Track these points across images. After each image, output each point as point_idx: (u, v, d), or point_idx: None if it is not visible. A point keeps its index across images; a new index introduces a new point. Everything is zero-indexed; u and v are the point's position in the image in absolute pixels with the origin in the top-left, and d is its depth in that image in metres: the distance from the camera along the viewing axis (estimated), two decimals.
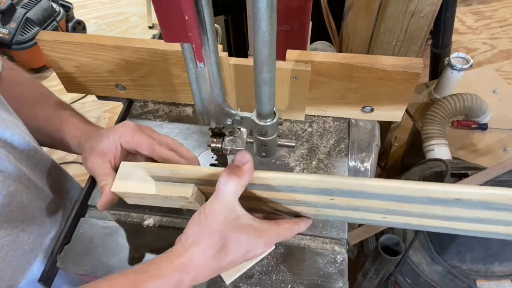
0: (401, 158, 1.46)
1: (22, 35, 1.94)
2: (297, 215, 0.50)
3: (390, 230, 0.98)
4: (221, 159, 0.64)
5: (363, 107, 0.66)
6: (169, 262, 0.41)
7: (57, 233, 0.64)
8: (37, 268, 0.60)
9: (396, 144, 1.61)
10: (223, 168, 0.43)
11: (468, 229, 0.42)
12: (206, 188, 0.50)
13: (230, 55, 0.58)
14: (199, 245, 0.41)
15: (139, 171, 0.51)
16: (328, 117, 0.74)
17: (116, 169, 0.53)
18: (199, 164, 0.57)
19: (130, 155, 0.57)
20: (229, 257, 0.42)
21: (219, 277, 0.57)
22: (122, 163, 0.53)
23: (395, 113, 0.66)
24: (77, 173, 1.40)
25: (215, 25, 0.44)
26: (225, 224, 0.41)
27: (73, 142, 0.59)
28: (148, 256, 0.60)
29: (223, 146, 0.57)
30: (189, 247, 0.41)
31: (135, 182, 0.51)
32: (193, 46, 0.40)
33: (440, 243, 0.90)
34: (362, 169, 0.69)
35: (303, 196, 0.44)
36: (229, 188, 0.41)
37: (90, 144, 0.55)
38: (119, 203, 0.55)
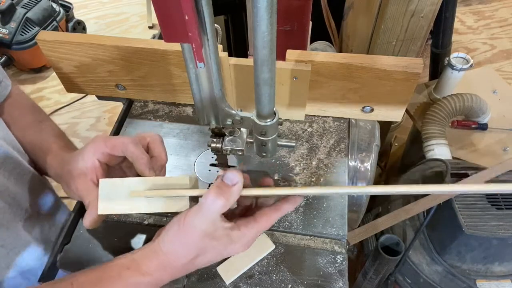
0: (401, 158, 1.46)
1: (22, 35, 1.94)
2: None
3: (390, 230, 0.98)
4: (221, 159, 0.64)
5: (363, 107, 0.66)
6: (150, 261, 0.44)
7: (43, 254, 0.63)
8: (9, 284, 0.59)
9: (396, 144, 1.61)
10: (204, 191, 0.43)
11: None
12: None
13: (230, 55, 0.58)
14: (176, 253, 0.44)
15: (121, 187, 0.47)
16: (328, 117, 0.74)
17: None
18: (165, 160, 0.53)
19: (111, 169, 0.54)
20: (205, 260, 0.45)
21: (219, 277, 0.57)
22: (101, 181, 0.48)
23: (395, 113, 0.66)
24: None
25: (215, 25, 0.44)
26: (203, 238, 0.43)
27: (50, 172, 0.58)
28: None
29: (223, 146, 0.57)
30: (167, 252, 0.44)
31: (121, 202, 0.47)
32: (193, 46, 0.40)
33: (440, 243, 0.90)
34: (362, 169, 0.69)
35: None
36: (214, 208, 0.41)
37: (67, 169, 0.52)
38: None
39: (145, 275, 0.43)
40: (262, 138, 0.50)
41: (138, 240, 0.61)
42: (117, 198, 0.47)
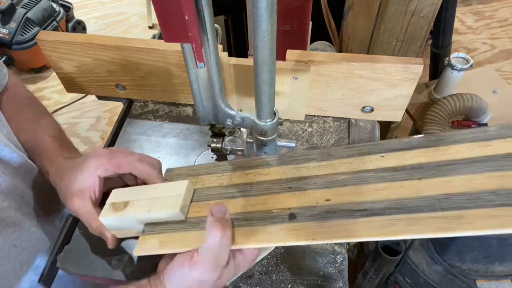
0: None
1: (22, 35, 1.94)
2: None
3: None
4: (221, 159, 0.64)
5: (363, 107, 0.66)
6: None
7: (49, 251, 0.63)
8: (26, 283, 0.59)
9: None
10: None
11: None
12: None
13: (230, 55, 0.58)
14: None
15: (126, 218, 0.49)
16: (328, 117, 0.74)
17: (98, 201, 0.52)
18: (158, 164, 0.54)
19: (108, 180, 0.53)
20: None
21: None
22: (102, 219, 0.50)
23: (395, 113, 0.66)
24: None
25: (215, 25, 0.44)
26: (213, 282, 0.42)
27: (47, 177, 0.58)
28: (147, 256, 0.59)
29: (223, 146, 0.57)
30: None
31: (129, 230, 0.52)
32: (193, 46, 0.40)
33: (440, 243, 0.90)
34: None
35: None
36: (224, 242, 0.40)
37: (65, 183, 0.52)
38: None
39: None
40: (262, 138, 0.50)
41: (137, 240, 0.61)
42: (124, 227, 0.51)
